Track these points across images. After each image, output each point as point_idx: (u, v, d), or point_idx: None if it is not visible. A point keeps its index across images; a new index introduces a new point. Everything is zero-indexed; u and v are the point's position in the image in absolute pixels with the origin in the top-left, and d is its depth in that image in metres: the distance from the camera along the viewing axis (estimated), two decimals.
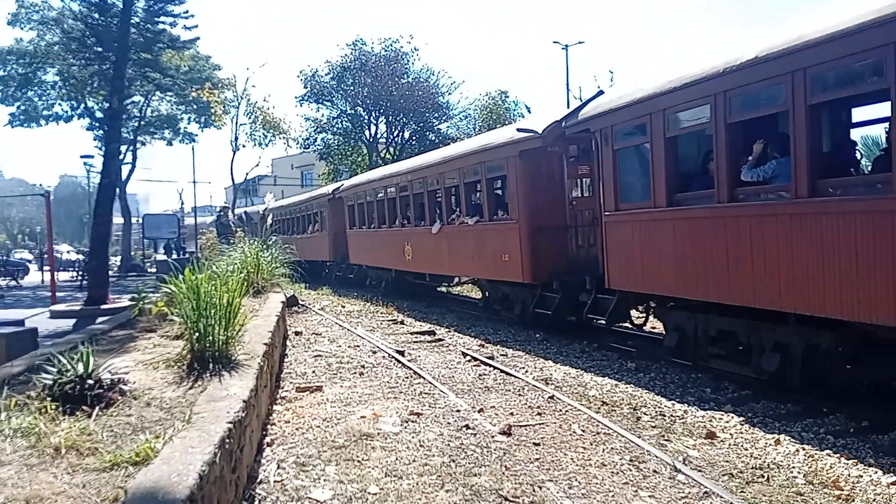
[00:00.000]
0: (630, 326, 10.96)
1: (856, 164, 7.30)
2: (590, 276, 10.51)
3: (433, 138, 37.54)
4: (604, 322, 10.36)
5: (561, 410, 6.67)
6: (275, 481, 4.33)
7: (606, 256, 9.68)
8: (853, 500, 4.72)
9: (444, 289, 19.77)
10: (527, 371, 8.74)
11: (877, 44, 5.60)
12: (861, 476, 5.15)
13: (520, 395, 7.35)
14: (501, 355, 9.90)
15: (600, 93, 10.76)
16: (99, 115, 34.93)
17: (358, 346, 9.95)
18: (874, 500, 4.74)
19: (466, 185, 13.98)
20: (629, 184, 9.30)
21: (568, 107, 17.93)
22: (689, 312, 8.60)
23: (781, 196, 6.82)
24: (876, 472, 5.19)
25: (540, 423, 6.16)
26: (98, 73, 28.11)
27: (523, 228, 11.72)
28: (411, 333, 11.96)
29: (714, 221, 7.62)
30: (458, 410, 6.36)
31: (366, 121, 38.91)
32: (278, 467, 4.57)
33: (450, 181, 14.72)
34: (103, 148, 26.34)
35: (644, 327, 10.94)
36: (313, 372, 7.97)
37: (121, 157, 31.39)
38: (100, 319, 11.35)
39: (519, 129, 12.11)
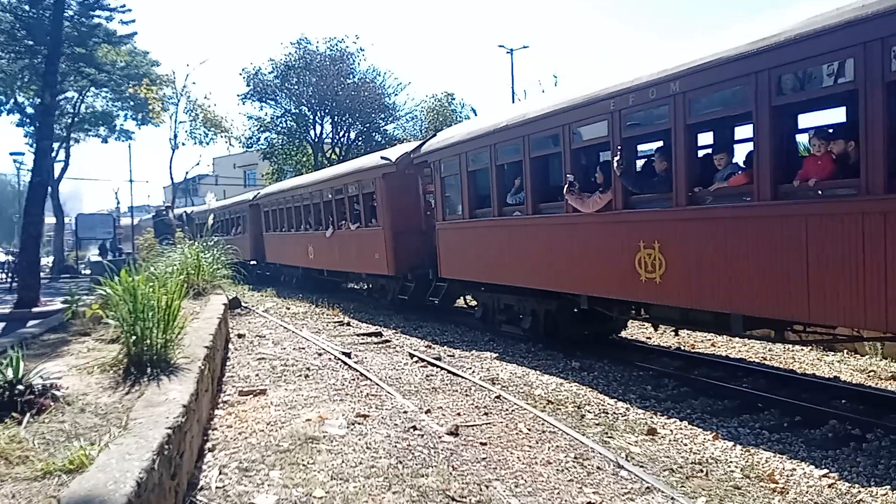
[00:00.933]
0: (465, 306, 14.59)
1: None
2: (432, 269, 13.43)
3: (379, 139, 37.00)
4: (438, 301, 13.58)
5: (507, 410, 6.73)
6: (217, 487, 4.22)
7: (439, 254, 12.84)
8: (787, 493, 4.90)
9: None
10: (474, 371, 8.78)
11: (559, 124, 8.97)
12: (795, 469, 5.35)
13: (467, 395, 7.38)
14: (448, 356, 9.92)
15: (436, 133, 14.11)
16: (30, 110, 33.55)
17: (303, 349, 9.83)
18: (807, 491, 4.93)
19: (350, 198, 16.88)
20: (450, 202, 12.56)
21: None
22: (490, 293, 11.80)
23: (523, 213, 10.12)
24: (809, 466, 5.41)
25: (487, 423, 6.20)
26: (29, 67, 27.05)
27: (387, 233, 14.69)
28: (358, 335, 11.88)
29: (492, 229, 11.04)
30: (405, 412, 6.34)
31: (311, 120, 38.15)
32: (220, 473, 4.46)
33: (338, 195, 17.57)
34: (34, 145, 25.27)
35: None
36: (257, 375, 7.82)
37: (53, 154, 30.12)
38: (31, 323, 10.92)
39: (381, 157, 15.24)
